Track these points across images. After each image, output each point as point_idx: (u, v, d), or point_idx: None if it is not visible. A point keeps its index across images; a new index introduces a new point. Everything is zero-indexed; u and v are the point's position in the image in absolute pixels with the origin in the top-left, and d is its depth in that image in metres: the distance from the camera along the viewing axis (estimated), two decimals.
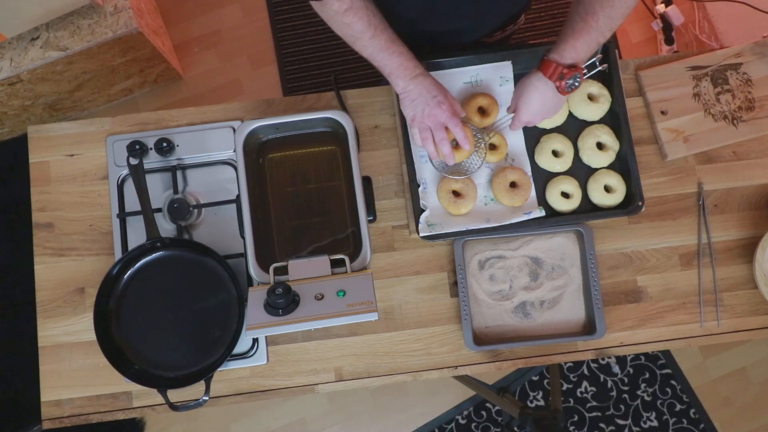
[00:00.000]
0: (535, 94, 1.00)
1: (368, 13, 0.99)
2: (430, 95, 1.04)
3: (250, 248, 1.13)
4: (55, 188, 1.22)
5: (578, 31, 0.96)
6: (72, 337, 1.17)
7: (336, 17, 0.99)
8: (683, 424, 2.01)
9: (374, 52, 1.02)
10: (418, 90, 1.04)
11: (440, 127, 1.05)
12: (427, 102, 1.04)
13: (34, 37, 1.72)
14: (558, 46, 0.98)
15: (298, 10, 2.22)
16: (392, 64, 1.03)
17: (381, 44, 1.01)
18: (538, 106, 1.01)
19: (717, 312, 1.20)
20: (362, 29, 0.99)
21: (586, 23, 0.95)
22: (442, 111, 1.04)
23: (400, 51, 1.02)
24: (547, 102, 1.01)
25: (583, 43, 0.96)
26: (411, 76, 1.04)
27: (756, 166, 1.25)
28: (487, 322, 1.19)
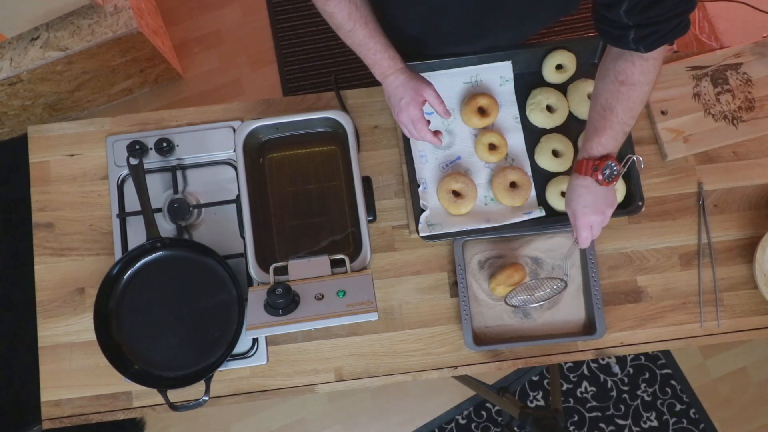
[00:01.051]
0: (581, 191, 1.00)
1: (350, 6, 1.00)
2: (397, 98, 1.07)
3: (250, 248, 1.13)
4: (55, 188, 1.22)
5: (600, 129, 0.97)
6: (72, 337, 1.17)
7: (318, 3, 1.01)
8: (683, 424, 2.01)
9: (353, 45, 1.06)
10: (388, 91, 1.09)
11: (409, 124, 1.09)
12: (395, 104, 1.08)
13: (34, 37, 1.72)
14: (585, 145, 0.99)
15: (298, 10, 2.22)
16: (368, 61, 1.07)
17: (359, 39, 1.03)
18: (590, 200, 1.00)
19: (717, 312, 1.20)
20: (342, 21, 1.02)
21: (607, 120, 0.96)
22: (408, 112, 1.07)
23: (376, 49, 1.04)
24: (597, 195, 0.99)
25: (607, 138, 0.97)
26: (383, 75, 1.07)
27: (756, 166, 1.25)
28: (487, 322, 1.19)
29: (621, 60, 0.93)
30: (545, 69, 1.23)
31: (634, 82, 0.93)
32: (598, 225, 1.02)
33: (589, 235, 1.03)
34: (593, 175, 0.97)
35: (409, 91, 1.06)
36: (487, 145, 1.18)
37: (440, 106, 1.09)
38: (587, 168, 0.97)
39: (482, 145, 1.18)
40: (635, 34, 0.86)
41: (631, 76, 0.92)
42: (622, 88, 0.93)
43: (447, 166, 1.20)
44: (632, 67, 0.92)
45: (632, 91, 0.93)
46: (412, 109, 1.06)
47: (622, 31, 0.87)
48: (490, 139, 1.18)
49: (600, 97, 0.97)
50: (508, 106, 1.23)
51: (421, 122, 1.08)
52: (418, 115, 1.07)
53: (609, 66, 0.95)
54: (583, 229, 1.02)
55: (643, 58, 0.91)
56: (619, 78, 0.93)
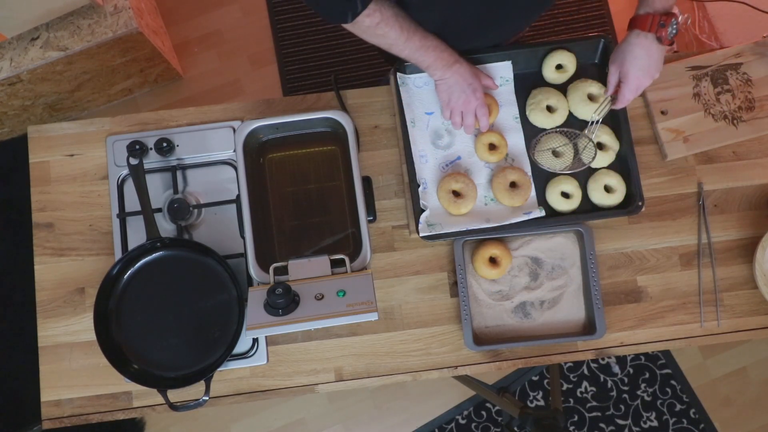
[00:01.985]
0: (639, 51, 0.96)
1: (398, 20, 1.02)
2: (466, 83, 1.10)
3: (250, 248, 1.13)
4: (55, 188, 1.22)
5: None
6: (72, 337, 1.17)
7: (369, 31, 1.02)
8: (683, 424, 2.01)
9: (411, 53, 1.07)
10: (455, 78, 1.10)
11: (471, 112, 1.13)
12: (462, 89, 1.11)
13: (34, 37, 1.72)
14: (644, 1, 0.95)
15: (298, 10, 2.22)
16: (429, 59, 1.08)
17: (416, 44, 1.05)
18: (646, 64, 0.96)
19: (717, 312, 1.20)
20: (396, 36, 1.03)
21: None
22: (475, 98, 1.11)
23: (434, 45, 1.07)
24: (653, 57, 0.96)
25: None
26: (447, 65, 1.09)
27: (756, 166, 1.25)
28: (487, 322, 1.19)
29: None
30: (545, 69, 1.23)
31: None
32: (642, 89, 1.01)
33: (632, 98, 1.03)
34: (659, 31, 0.92)
35: (477, 77, 1.11)
36: (487, 145, 1.18)
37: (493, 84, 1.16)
38: (653, 24, 0.92)
39: (482, 145, 1.18)
40: None
41: None
42: None
43: (447, 166, 1.20)
44: None
45: None
46: (479, 94, 1.11)
47: None
48: (490, 139, 1.18)
49: None
50: (508, 106, 1.23)
51: (484, 107, 1.13)
52: (483, 101, 1.13)
53: None
54: (631, 92, 1.01)
55: None
56: None
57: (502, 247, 1.16)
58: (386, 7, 1.00)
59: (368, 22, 1.00)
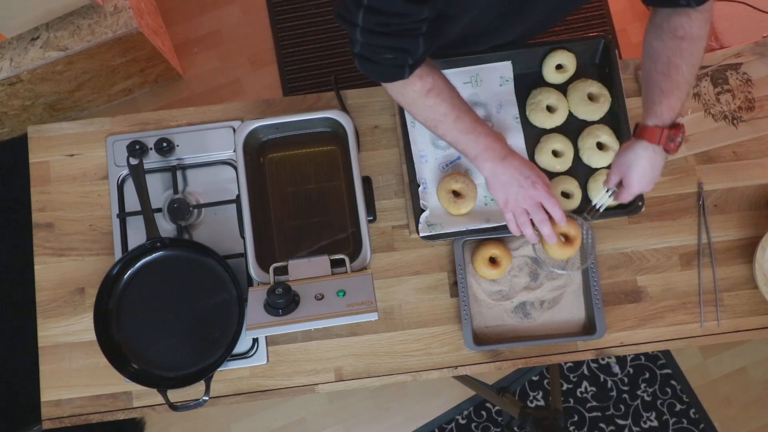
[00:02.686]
0: (644, 164, 0.95)
1: (450, 93, 0.95)
2: (523, 176, 0.97)
3: (250, 248, 1.13)
4: (55, 188, 1.22)
5: (667, 90, 0.92)
6: (72, 337, 1.17)
7: (419, 99, 0.94)
8: (683, 424, 2.01)
9: (459, 135, 0.97)
10: (509, 172, 0.97)
11: (537, 207, 0.98)
12: (520, 184, 0.97)
13: (34, 37, 1.72)
14: (653, 110, 0.94)
15: (298, 10, 2.22)
16: (479, 147, 0.97)
17: (466, 126, 0.96)
18: (650, 175, 0.97)
19: (717, 312, 1.20)
20: (446, 110, 0.95)
21: (673, 79, 0.91)
22: (538, 191, 0.96)
23: (486, 132, 0.97)
24: (656, 167, 0.96)
25: (676, 100, 0.92)
26: (500, 158, 0.97)
27: (756, 166, 1.25)
28: (487, 322, 1.19)
29: (675, 16, 0.90)
30: (545, 69, 1.23)
31: (694, 35, 0.89)
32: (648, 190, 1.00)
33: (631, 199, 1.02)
34: (667, 145, 0.92)
35: (533, 169, 0.98)
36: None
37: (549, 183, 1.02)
38: (662, 138, 0.92)
39: None
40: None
41: (690, 30, 0.89)
42: (683, 43, 0.89)
43: (447, 166, 1.20)
44: (690, 21, 0.89)
45: (694, 46, 0.90)
46: (541, 186, 0.96)
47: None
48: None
49: (660, 56, 0.92)
50: (508, 106, 1.23)
51: (552, 199, 0.97)
52: (548, 192, 0.97)
53: (662, 24, 0.91)
54: (630, 196, 1.01)
55: (698, 10, 0.88)
56: (678, 33, 0.89)
57: (502, 247, 1.16)
58: (439, 76, 0.93)
59: (419, 87, 0.92)
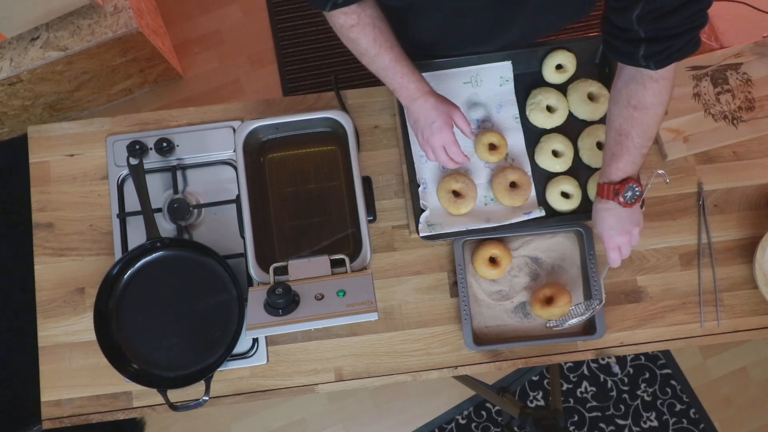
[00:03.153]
0: (604, 215, 1.02)
1: (374, 30, 0.99)
2: (429, 121, 1.05)
3: (250, 248, 1.13)
4: (55, 188, 1.22)
5: (618, 154, 0.97)
6: (72, 337, 1.17)
7: (342, 31, 1.00)
8: (683, 424, 2.01)
9: (378, 69, 1.03)
10: (416, 114, 1.06)
11: (440, 149, 1.06)
12: (426, 126, 1.05)
13: (34, 37, 1.72)
14: (605, 171, 1.00)
15: (298, 10, 2.22)
16: (394, 84, 1.04)
17: (385, 63, 1.01)
18: (615, 223, 1.02)
19: (717, 312, 1.20)
20: (367, 46, 1.00)
21: (623, 145, 0.96)
22: (441, 136, 1.05)
23: (403, 72, 1.02)
24: (621, 217, 1.01)
25: (625, 163, 0.97)
26: (412, 98, 1.05)
27: (756, 166, 1.25)
28: (487, 322, 1.19)
29: (632, 83, 0.92)
30: (545, 69, 1.23)
31: (647, 105, 0.92)
32: (626, 245, 1.04)
33: (617, 256, 1.05)
34: (615, 199, 0.98)
35: (441, 114, 1.04)
36: (487, 145, 1.18)
37: (468, 127, 1.08)
38: (608, 192, 0.98)
39: (482, 145, 1.18)
40: (645, 50, 0.85)
41: (643, 99, 0.92)
42: (635, 113, 0.93)
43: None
44: (644, 90, 0.91)
45: (645, 115, 0.93)
46: (445, 132, 1.05)
47: (632, 47, 0.86)
48: (490, 139, 1.18)
49: (614, 122, 0.97)
50: (508, 106, 1.23)
51: (455, 144, 1.06)
52: (452, 138, 1.06)
53: (621, 89, 0.95)
54: (611, 251, 1.04)
55: (654, 79, 0.90)
56: (632, 102, 0.93)
57: (502, 247, 1.16)
58: (367, 14, 0.97)
59: (342, 21, 0.97)
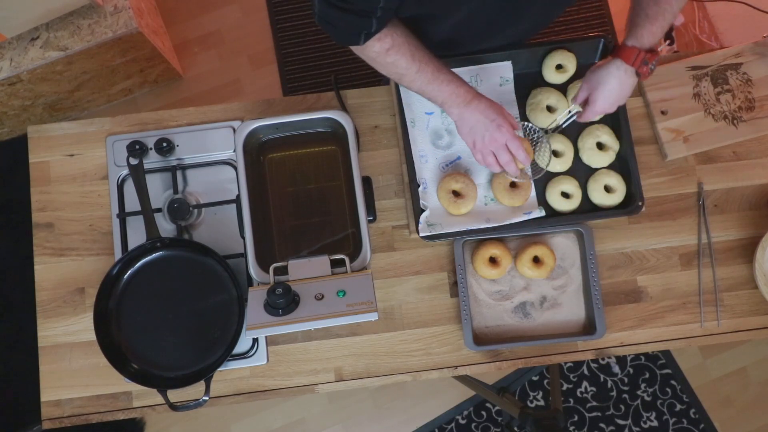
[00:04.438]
0: (614, 82, 0.98)
1: (410, 48, 0.98)
2: (488, 120, 1.03)
3: (250, 248, 1.13)
4: (55, 188, 1.22)
5: (653, 16, 0.94)
6: (72, 337, 1.17)
7: (379, 58, 0.98)
8: (683, 424, 2.01)
9: (422, 85, 1.02)
10: (475, 117, 1.03)
11: (503, 149, 1.04)
12: (486, 128, 1.03)
13: (34, 37, 1.72)
14: (635, 32, 0.96)
15: (298, 10, 2.22)
16: (443, 95, 1.02)
17: (428, 76, 1.00)
18: (617, 95, 0.99)
19: (717, 312, 1.20)
20: (407, 65, 0.99)
21: (660, 6, 0.93)
22: (503, 134, 1.03)
23: (449, 79, 1.01)
24: (625, 89, 0.99)
25: (658, 27, 0.94)
26: (465, 102, 1.03)
27: (756, 166, 1.25)
28: (487, 322, 1.19)
29: None
30: (545, 69, 1.23)
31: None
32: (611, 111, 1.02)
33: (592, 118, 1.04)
34: (641, 68, 0.94)
35: (500, 110, 1.03)
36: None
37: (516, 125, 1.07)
38: (637, 59, 0.94)
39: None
40: None
41: None
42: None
43: (447, 166, 1.20)
44: None
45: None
46: (506, 128, 1.03)
47: None
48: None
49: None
50: (508, 106, 1.23)
51: (516, 139, 1.03)
52: (513, 133, 1.03)
53: None
54: (593, 114, 1.03)
55: None
56: None
57: (502, 247, 1.16)
58: (399, 34, 0.96)
59: (378, 48, 0.96)
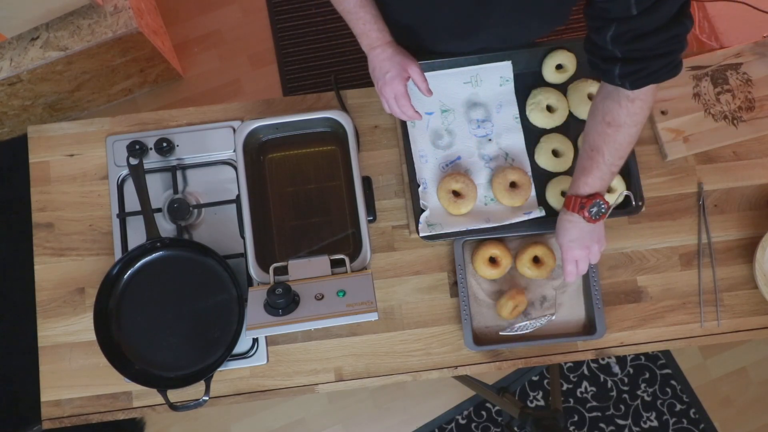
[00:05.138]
0: (567, 226, 1.02)
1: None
2: (383, 71, 1.05)
3: (250, 248, 1.13)
4: (55, 188, 1.22)
5: (588, 169, 0.97)
6: (72, 337, 1.17)
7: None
8: (683, 424, 2.01)
9: (343, 12, 1.04)
10: (373, 63, 1.06)
11: (393, 101, 1.07)
12: (379, 77, 1.06)
13: (34, 37, 1.72)
14: (574, 183, 1.00)
15: (298, 10, 2.22)
16: (357, 30, 1.05)
17: (349, 6, 1.02)
18: (577, 235, 1.02)
19: (717, 312, 1.20)
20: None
21: (594, 161, 0.96)
22: (393, 87, 1.05)
23: (365, 18, 1.03)
24: (583, 231, 1.02)
25: (594, 178, 0.97)
26: (370, 46, 1.05)
27: (756, 166, 1.25)
28: (487, 322, 1.19)
29: (608, 100, 0.92)
30: (545, 69, 1.23)
31: (620, 123, 0.92)
32: (583, 260, 1.04)
33: (573, 269, 1.05)
34: (580, 212, 0.98)
35: (395, 65, 1.05)
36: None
37: (423, 84, 1.08)
38: (575, 205, 0.99)
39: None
40: (621, 70, 0.85)
41: (617, 117, 0.92)
42: (608, 129, 0.93)
43: (447, 166, 1.20)
44: (618, 108, 0.91)
45: (618, 133, 0.93)
46: (396, 83, 1.05)
47: (609, 65, 0.87)
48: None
49: (588, 137, 0.97)
50: (508, 106, 1.23)
51: (404, 97, 1.06)
52: (402, 90, 1.05)
53: (598, 105, 0.95)
54: (567, 263, 1.05)
55: (629, 98, 0.89)
56: (606, 119, 0.93)
57: (502, 247, 1.16)
58: None
59: None
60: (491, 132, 1.22)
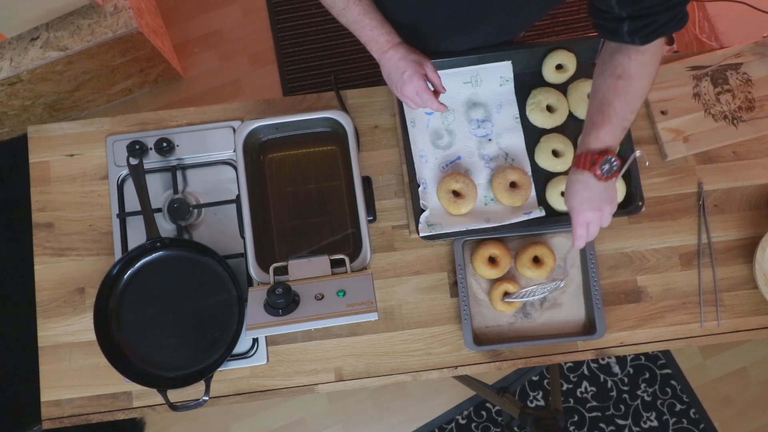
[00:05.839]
0: (577, 186, 0.98)
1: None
2: (399, 71, 1.05)
3: (250, 248, 1.13)
4: (55, 188, 1.22)
5: (598, 123, 0.95)
6: (72, 337, 1.17)
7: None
8: (683, 424, 2.01)
9: (347, 23, 1.04)
10: (388, 66, 1.06)
11: (412, 100, 1.07)
12: (397, 78, 1.06)
13: (34, 37, 1.72)
14: (584, 139, 0.97)
15: (298, 10, 2.22)
16: (364, 38, 1.05)
17: (354, 16, 1.02)
18: (588, 196, 0.97)
19: (717, 312, 1.20)
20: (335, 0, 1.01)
21: (605, 114, 0.94)
22: (412, 85, 1.05)
23: (372, 25, 1.03)
24: (595, 190, 0.97)
25: (605, 132, 0.95)
26: (381, 51, 1.06)
27: (756, 166, 1.25)
28: (487, 322, 1.19)
29: (618, 54, 0.92)
30: (545, 69, 1.23)
31: (631, 75, 0.91)
32: (595, 223, 0.99)
33: (584, 233, 0.99)
34: (591, 169, 0.94)
35: (411, 63, 1.05)
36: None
37: (438, 80, 1.08)
38: (585, 162, 0.95)
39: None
40: (629, 27, 0.85)
41: (628, 69, 0.91)
42: (619, 82, 0.92)
43: (447, 166, 1.20)
44: (629, 61, 0.91)
45: (630, 86, 0.92)
46: (416, 80, 1.05)
47: (616, 24, 0.86)
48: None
49: (598, 92, 0.95)
50: (508, 106, 1.23)
51: (426, 92, 1.06)
52: (423, 85, 1.05)
53: (606, 60, 0.94)
54: (578, 226, 0.99)
55: (639, 51, 0.89)
56: (617, 72, 0.92)
57: (502, 247, 1.16)
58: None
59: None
60: (491, 132, 1.22)
